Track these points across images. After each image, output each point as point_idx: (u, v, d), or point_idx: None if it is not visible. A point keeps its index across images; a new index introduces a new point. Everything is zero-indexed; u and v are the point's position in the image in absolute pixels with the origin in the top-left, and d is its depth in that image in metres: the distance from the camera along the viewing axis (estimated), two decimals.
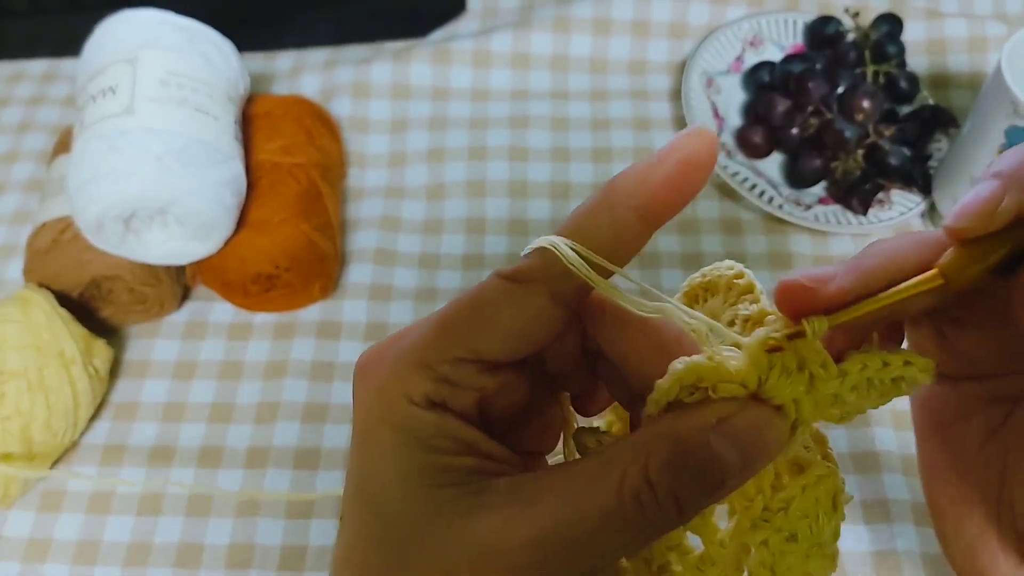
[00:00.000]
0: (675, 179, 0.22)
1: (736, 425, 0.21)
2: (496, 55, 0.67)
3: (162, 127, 0.50)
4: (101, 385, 0.51)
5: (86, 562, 0.48)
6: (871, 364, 0.23)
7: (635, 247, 0.23)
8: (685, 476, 0.20)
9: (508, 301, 0.23)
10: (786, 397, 0.21)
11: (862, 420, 0.51)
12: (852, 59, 0.63)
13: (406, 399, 0.22)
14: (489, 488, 0.22)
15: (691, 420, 0.21)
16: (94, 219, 0.49)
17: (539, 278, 0.22)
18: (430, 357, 0.23)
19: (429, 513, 0.21)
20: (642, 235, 0.23)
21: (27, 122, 0.67)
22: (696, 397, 0.22)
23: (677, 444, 0.21)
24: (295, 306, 0.56)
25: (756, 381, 0.21)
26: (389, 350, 0.23)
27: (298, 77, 0.67)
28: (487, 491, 0.21)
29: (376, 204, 0.61)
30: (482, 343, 0.23)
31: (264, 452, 0.51)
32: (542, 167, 0.63)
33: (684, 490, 0.21)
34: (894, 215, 0.59)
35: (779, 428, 0.21)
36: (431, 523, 0.21)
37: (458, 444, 0.22)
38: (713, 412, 0.21)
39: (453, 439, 0.22)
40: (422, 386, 0.22)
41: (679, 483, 0.20)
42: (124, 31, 0.53)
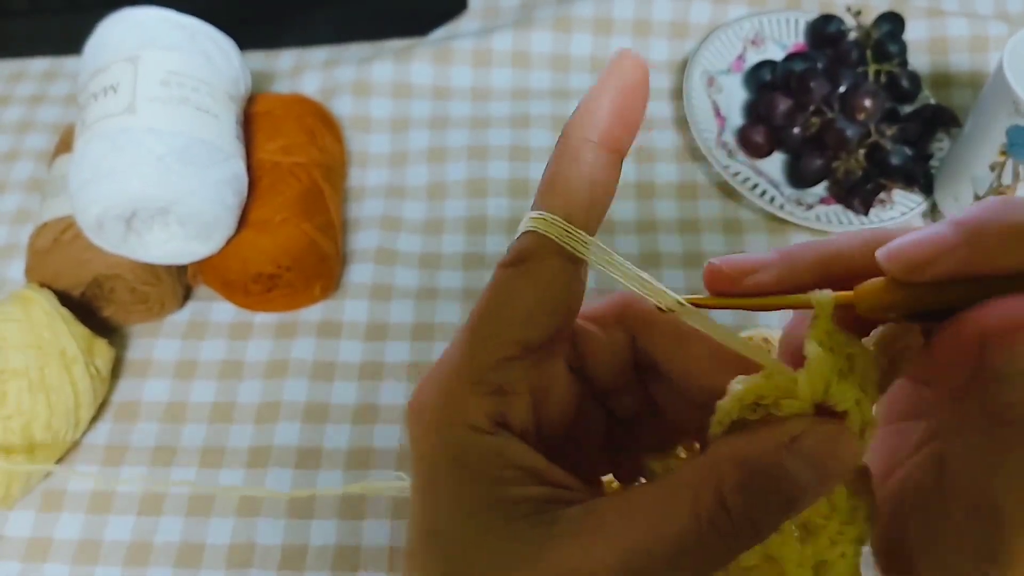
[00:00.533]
0: (621, 102, 0.22)
1: (809, 443, 0.21)
2: (497, 54, 0.67)
3: (163, 126, 0.50)
4: (102, 385, 0.51)
5: (87, 562, 0.48)
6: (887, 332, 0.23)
7: (611, 184, 0.23)
8: (760, 497, 0.20)
9: (522, 282, 0.22)
10: (850, 400, 0.21)
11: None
12: (854, 58, 0.63)
13: (465, 427, 0.22)
14: (561, 517, 0.21)
15: (762, 441, 0.21)
16: (95, 218, 0.49)
17: (539, 249, 0.22)
18: (476, 370, 0.22)
19: (502, 550, 0.21)
20: (614, 167, 0.23)
21: (28, 121, 0.67)
22: (759, 413, 0.22)
23: (750, 466, 0.21)
24: (296, 306, 0.56)
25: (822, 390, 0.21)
26: (435, 380, 0.23)
27: (299, 76, 0.67)
28: (559, 520, 0.21)
29: (377, 204, 0.61)
30: (516, 330, 0.22)
31: (265, 452, 0.51)
32: (543, 167, 0.62)
33: (759, 511, 0.20)
34: (896, 215, 0.58)
35: (850, 441, 0.21)
36: (506, 560, 0.21)
37: (523, 473, 0.22)
38: (784, 431, 0.21)
39: (518, 468, 0.22)
40: (480, 406, 0.22)
41: (754, 505, 0.20)
42: (125, 30, 0.53)
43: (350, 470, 0.50)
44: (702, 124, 0.62)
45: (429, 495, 0.22)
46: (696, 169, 0.63)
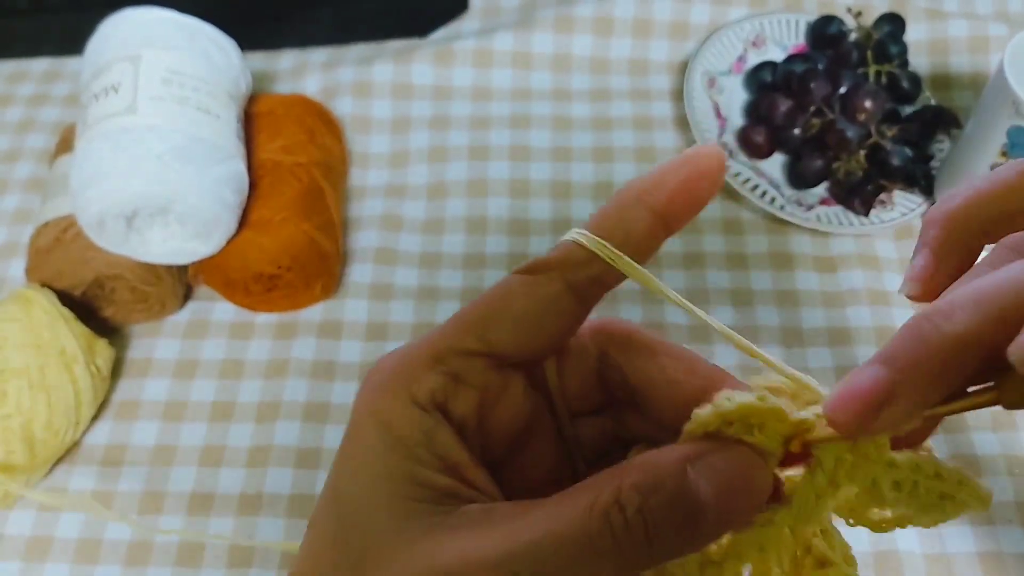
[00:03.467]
0: (688, 183, 0.22)
1: (716, 461, 0.20)
2: (498, 54, 0.67)
3: (164, 125, 0.50)
4: (103, 384, 0.51)
5: (87, 561, 0.48)
6: (924, 468, 0.21)
7: (649, 248, 0.23)
8: (655, 500, 0.20)
9: (522, 291, 0.22)
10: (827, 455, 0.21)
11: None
12: (854, 59, 0.63)
13: (407, 395, 0.22)
14: (458, 512, 0.21)
15: (672, 450, 0.21)
16: (96, 218, 0.49)
17: (553, 267, 0.22)
18: (442, 349, 0.22)
19: (394, 527, 0.21)
20: (656, 235, 0.23)
21: (29, 121, 0.67)
22: (735, 430, 0.21)
23: (652, 468, 0.20)
24: (297, 305, 0.56)
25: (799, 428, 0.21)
26: (400, 350, 0.23)
27: (300, 76, 0.67)
28: (455, 514, 0.21)
29: (377, 203, 0.61)
30: (494, 333, 0.22)
31: (265, 451, 0.51)
32: (543, 167, 0.63)
33: (653, 515, 0.20)
34: (896, 216, 0.58)
35: (764, 476, 0.21)
36: (395, 538, 0.20)
37: (440, 462, 0.21)
38: (695, 446, 0.21)
39: (439, 456, 0.22)
40: (429, 380, 0.22)
41: (648, 507, 0.19)
42: (127, 30, 0.53)
43: None
44: (703, 125, 0.62)
45: (347, 449, 0.22)
46: None
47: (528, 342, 0.23)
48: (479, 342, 0.22)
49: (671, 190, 0.22)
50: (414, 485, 0.21)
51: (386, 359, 0.23)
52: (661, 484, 0.20)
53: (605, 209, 0.23)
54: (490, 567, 0.19)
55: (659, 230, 0.23)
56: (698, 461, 0.20)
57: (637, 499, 0.19)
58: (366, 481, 0.21)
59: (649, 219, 0.22)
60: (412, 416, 0.22)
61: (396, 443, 0.21)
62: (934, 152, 0.61)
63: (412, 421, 0.22)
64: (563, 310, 0.23)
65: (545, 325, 0.23)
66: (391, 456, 0.21)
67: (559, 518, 0.20)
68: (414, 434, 0.21)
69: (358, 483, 0.21)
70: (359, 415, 0.22)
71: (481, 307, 0.23)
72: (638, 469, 0.20)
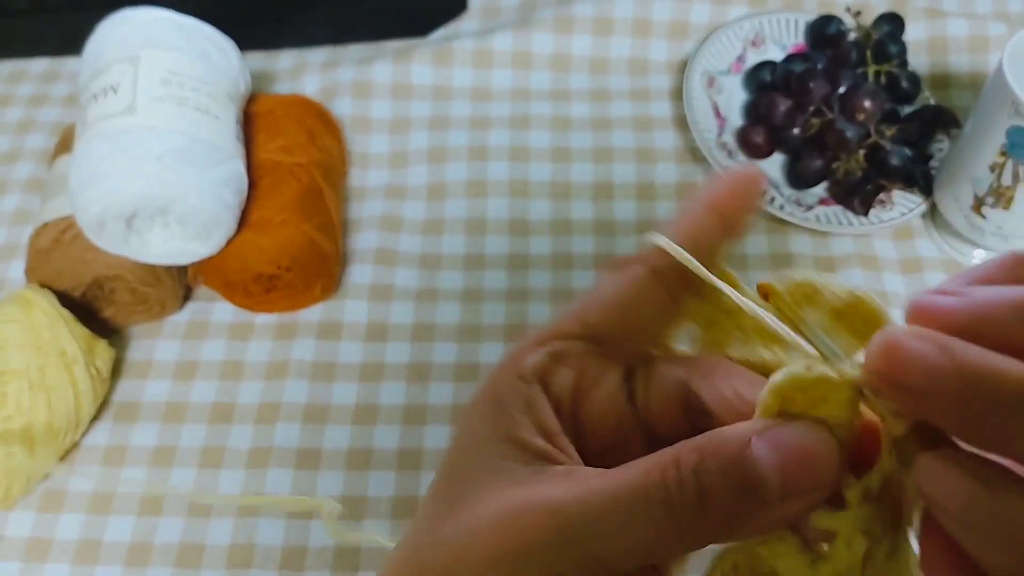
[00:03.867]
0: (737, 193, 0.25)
1: (780, 433, 0.20)
2: (497, 55, 0.67)
3: (163, 126, 0.50)
4: (103, 385, 0.51)
5: (87, 562, 0.48)
6: None
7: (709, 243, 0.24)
8: (711, 462, 0.20)
9: (611, 279, 0.25)
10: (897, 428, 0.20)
11: None
12: (853, 59, 0.63)
13: (514, 371, 0.24)
14: (545, 470, 0.22)
15: (741, 425, 0.21)
16: (95, 219, 0.49)
17: (638, 259, 0.24)
18: (549, 333, 0.25)
19: (489, 479, 0.22)
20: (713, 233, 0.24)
21: (28, 121, 0.67)
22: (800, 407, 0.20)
23: (718, 435, 0.21)
24: (296, 306, 0.56)
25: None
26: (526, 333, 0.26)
27: (299, 76, 0.67)
28: (545, 472, 0.22)
29: (377, 204, 0.61)
30: (590, 315, 0.24)
31: (265, 452, 0.51)
32: (543, 167, 0.63)
33: (708, 477, 0.20)
34: (895, 215, 0.58)
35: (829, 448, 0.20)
36: (487, 486, 0.22)
37: (539, 427, 0.23)
38: (766, 423, 0.21)
39: (536, 421, 0.23)
40: (534, 357, 0.24)
41: (704, 468, 0.20)
42: (126, 30, 0.53)
43: (350, 471, 0.50)
44: (702, 125, 0.62)
45: (465, 420, 0.25)
46: (696, 170, 0.63)
47: (618, 323, 0.24)
48: (579, 325, 0.24)
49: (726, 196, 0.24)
50: (511, 445, 0.23)
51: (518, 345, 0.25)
52: (721, 448, 0.20)
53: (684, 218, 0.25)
54: (550, 510, 0.21)
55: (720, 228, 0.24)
56: (763, 434, 0.20)
57: (695, 458, 0.20)
58: (473, 442, 0.24)
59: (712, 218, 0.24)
60: (516, 386, 0.24)
61: (500, 409, 0.23)
62: (933, 152, 0.61)
63: (516, 390, 0.24)
64: (649, 294, 0.24)
65: (633, 307, 0.24)
66: (496, 420, 0.23)
67: (618, 474, 0.21)
68: (516, 401, 0.23)
69: (467, 443, 0.24)
70: (480, 390, 0.25)
71: (583, 298, 0.25)
72: (706, 435, 0.21)
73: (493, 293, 0.57)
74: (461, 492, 0.23)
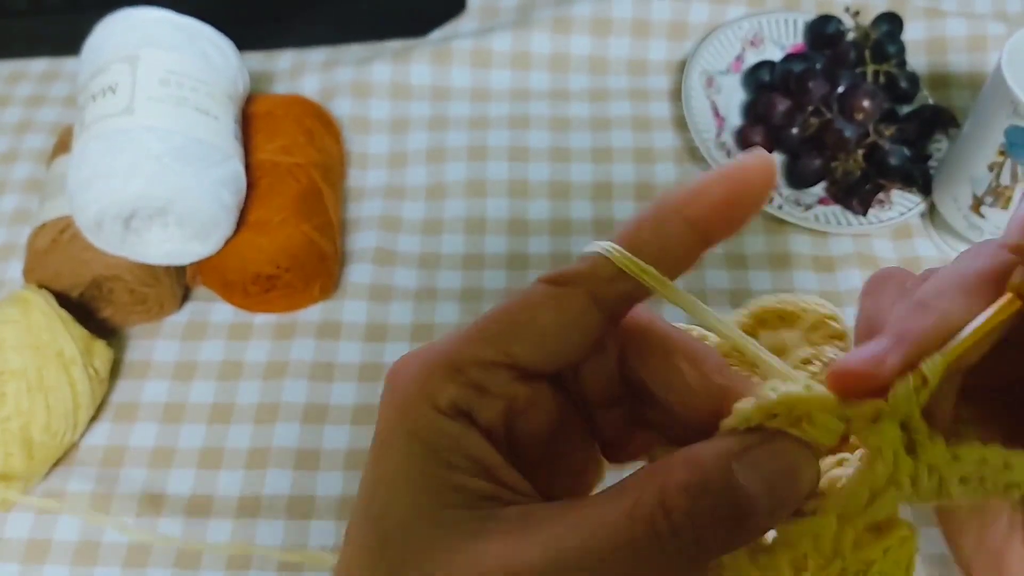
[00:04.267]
0: (733, 196, 0.21)
1: (762, 456, 0.20)
2: (496, 55, 0.67)
3: (162, 126, 0.50)
4: (101, 386, 0.51)
5: (86, 563, 0.48)
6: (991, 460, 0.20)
7: (684, 263, 0.22)
8: (704, 504, 0.19)
9: (547, 303, 0.22)
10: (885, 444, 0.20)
11: None
12: (852, 58, 0.63)
13: (430, 404, 0.21)
14: (497, 515, 0.20)
15: (714, 446, 0.20)
16: (94, 219, 0.49)
17: (579, 281, 0.22)
18: (461, 360, 0.22)
19: (432, 534, 0.20)
20: (692, 250, 0.22)
21: (27, 122, 0.67)
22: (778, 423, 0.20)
23: (695, 466, 0.19)
24: (295, 306, 0.56)
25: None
26: (418, 356, 0.22)
27: (298, 77, 0.67)
28: (494, 518, 0.20)
29: (376, 204, 0.61)
30: (518, 346, 0.22)
31: (264, 453, 0.51)
32: (542, 167, 0.63)
33: (703, 520, 0.19)
34: (894, 215, 0.59)
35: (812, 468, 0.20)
36: (433, 545, 0.20)
37: (476, 465, 0.21)
38: (740, 440, 0.20)
39: (472, 458, 0.21)
40: (449, 390, 0.21)
41: (698, 511, 0.19)
42: (124, 30, 0.53)
43: (349, 471, 0.50)
44: (701, 124, 0.62)
45: (378, 460, 0.22)
46: (695, 170, 0.63)
47: (552, 357, 0.22)
48: (501, 354, 0.22)
49: (714, 202, 0.21)
50: (450, 491, 0.21)
51: (406, 364, 0.23)
52: (707, 484, 0.19)
53: (641, 219, 0.22)
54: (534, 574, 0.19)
55: (697, 244, 0.22)
56: (744, 456, 0.20)
57: (684, 503, 0.19)
58: (402, 490, 0.21)
59: (687, 233, 0.22)
60: (439, 423, 0.21)
61: (427, 450, 0.21)
62: (932, 151, 0.61)
63: (440, 428, 0.21)
64: (589, 325, 0.22)
65: (570, 340, 0.22)
66: (424, 464, 0.21)
67: (601, 522, 0.19)
68: (443, 440, 0.21)
69: (394, 493, 0.21)
70: (387, 424, 0.22)
71: (503, 317, 0.22)
72: (681, 468, 0.20)
73: (492, 293, 0.57)
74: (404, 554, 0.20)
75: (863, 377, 0.20)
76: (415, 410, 0.21)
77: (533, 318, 0.22)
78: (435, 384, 0.21)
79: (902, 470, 0.20)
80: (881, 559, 0.21)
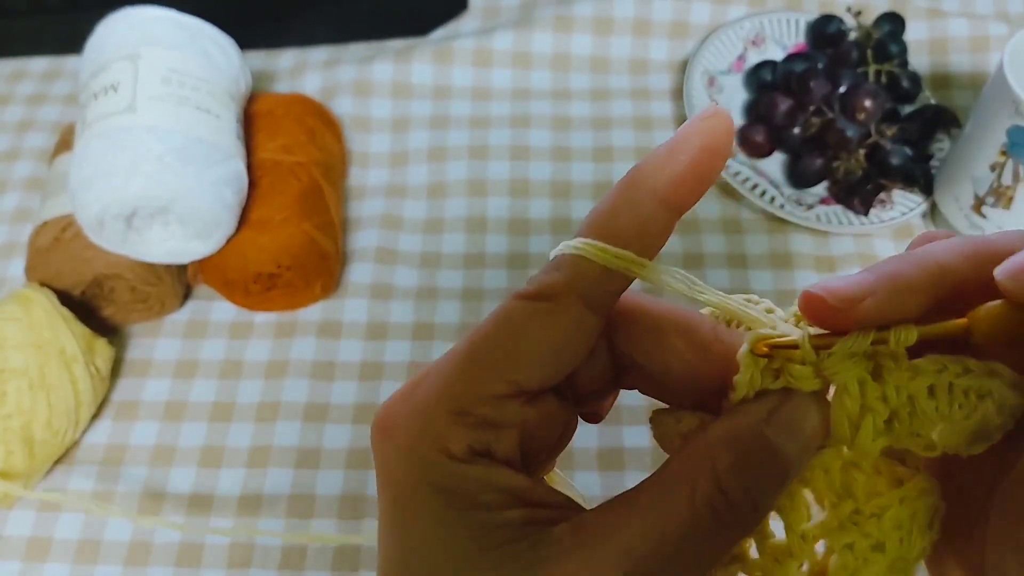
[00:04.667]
0: (697, 165, 0.21)
1: (784, 415, 0.21)
2: (497, 54, 0.67)
3: (163, 125, 0.50)
4: (102, 384, 0.51)
5: (87, 561, 0.48)
6: (951, 367, 0.21)
7: (661, 240, 0.22)
8: (753, 475, 0.20)
9: (540, 322, 0.21)
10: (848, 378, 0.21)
11: None
12: (854, 58, 0.63)
13: (444, 455, 0.20)
14: (548, 537, 0.20)
15: (744, 418, 0.21)
16: (95, 217, 0.49)
17: (567, 290, 0.21)
18: (465, 401, 0.21)
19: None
20: (668, 226, 0.22)
21: (28, 120, 0.67)
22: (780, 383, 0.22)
23: (742, 444, 0.21)
24: (296, 305, 0.56)
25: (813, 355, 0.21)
26: (410, 401, 0.21)
27: (300, 76, 0.67)
28: (546, 541, 0.20)
29: (377, 203, 0.61)
30: (523, 373, 0.21)
31: (265, 451, 0.51)
32: (543, 166, 0.63)
33: (756, 489, 0.20)
34: (896, 215, 0.58)
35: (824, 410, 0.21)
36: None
37: (508, 497, 0.20)
38: (762, 406, 0.21)
39: (502, 491, 0.21)
40: (462, 436, 0.20)
41: (750, 483, 0.20)
42: (126, 29, 0.53)
43: (350, 470, 0.50)
44: None
45: (403, 525, 0.21)
46: None
47: (558, 372, 0.22)
48: (506, 385, 0.21)
49: (681, 173, 0.21)
50: (492, 531, 0.20)
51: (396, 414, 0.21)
52: (751, 456, 0.21)
53: (613, 206, 0.22)
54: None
55: (671, 219, 0.21)
56: (772, 420, 0.21)
57: (737, 480, 0.20)
58: (440, 552, 0.20)
59: (660, 210, 0.21)
60: (461, 472, 0.20)
61: (455, 500, 0.20)
62: (934, 151, 0.61)
63: (463, 476, 0.20)
64: (589, 331, 0.22)
65: (574, 351, 0.22)
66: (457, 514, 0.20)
67: (667, 519, 0.20)
68: (470, 486, 0.20)
69: (432, 558, 0.20)
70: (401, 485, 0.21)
71: (496, 345, 0.21)
72: (724, 449, 0.21)
73: (493, 292, 0.57)
74: None
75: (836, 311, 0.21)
76: (431, 462, 0.20)
77: (532, 340, 0.21)
78: (442, 432, 0.21)
79: (870, 395, 0.21)
80: (896, 507, 0.22)
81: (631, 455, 0.50)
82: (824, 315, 0.21)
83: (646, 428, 0.49)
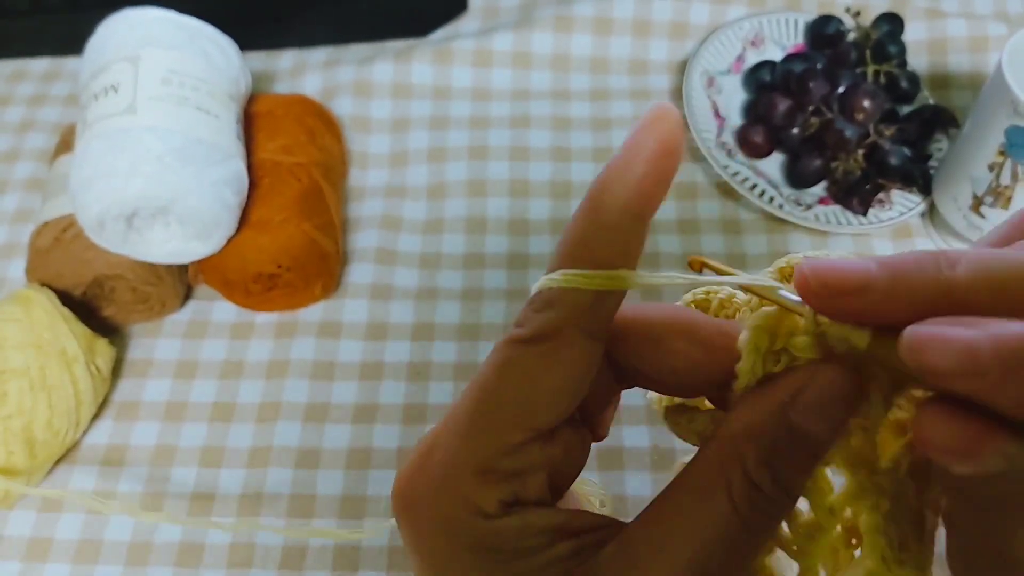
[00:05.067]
0: (656, 170, 0.21)
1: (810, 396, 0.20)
2: (497, 54, 0.67)
3: (163, 126, 0.50)
4: (103, 384, 0.51)
5: (87, 561, 0.48)
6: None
7: (637, 250, 0.21)
8: (782, 463, 0.20)
9: (546, 365, 0.21)
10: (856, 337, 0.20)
11: None
12: (853, 59, 0.63)
13: (480, 517, 0.20)
14: (598, 565, 0.20)
15: (764, 405, 0.21)
16: (96, 218, 0.49)
17: (566, 325, 0.21)
18: (487, 458, 0.21)
19: None
20: (641, 235, 0.21)
21: (29, 121, 0.67)
22: (782, 364, 0.21)
23: (767, 436, 0.20)
24: (296, 305, 0.56)
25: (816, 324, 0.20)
26: (429, 469, 0.21)
27: (300, 76, 0.68)
28: (598, 568, 0.20)
29: (377, 203, 0.61)
30: (540, 418, 0.21)
31: (265, 451, 0.51)
32: (543, 167, 0.63)
33: (788, 477, 0.20)
34: (894, 215, 0.59)
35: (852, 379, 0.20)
36: None
37: (548, 536, 0.21)
38: (784, 389, 0.21)
39: (543, 531, 0.21)
40: (491, 494, 0.20)
41: (781, 473, 0.20)
42: (126, 30, 0.53)
43: (350, 470, 0.50)
44: (701, 124, 0.62)
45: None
46: (695, 169, 0.63)
47: (570, 406, 0.21)
48: (526, 432, 0.21)
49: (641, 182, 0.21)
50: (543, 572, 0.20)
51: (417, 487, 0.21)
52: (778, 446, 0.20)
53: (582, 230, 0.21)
54: None
55: (642, 227, 0.21)
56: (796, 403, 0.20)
57: (768, 473, 0.20)
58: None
59: (630, 222, 0.21)
60: (498, 527, 0.20)
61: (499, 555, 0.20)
62: (932, 152, 0.61)
63: (502, 531, 0.20)
64: (593, 359, 0.21)
65: (582, 382, 0.21)
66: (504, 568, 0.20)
67: (710, 525, 0.20)
68: (509, 537, 0.20)
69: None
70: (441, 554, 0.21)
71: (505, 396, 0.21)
72: (750, 446, 0.20)
73: (493, 292, 0.57)
74: None
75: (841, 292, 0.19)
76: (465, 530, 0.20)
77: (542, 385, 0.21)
78: (470, 494, 0.20)
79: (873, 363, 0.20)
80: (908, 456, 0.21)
81: (631, 455, 0.50)
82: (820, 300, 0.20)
83: (646, 428, 0.50)
